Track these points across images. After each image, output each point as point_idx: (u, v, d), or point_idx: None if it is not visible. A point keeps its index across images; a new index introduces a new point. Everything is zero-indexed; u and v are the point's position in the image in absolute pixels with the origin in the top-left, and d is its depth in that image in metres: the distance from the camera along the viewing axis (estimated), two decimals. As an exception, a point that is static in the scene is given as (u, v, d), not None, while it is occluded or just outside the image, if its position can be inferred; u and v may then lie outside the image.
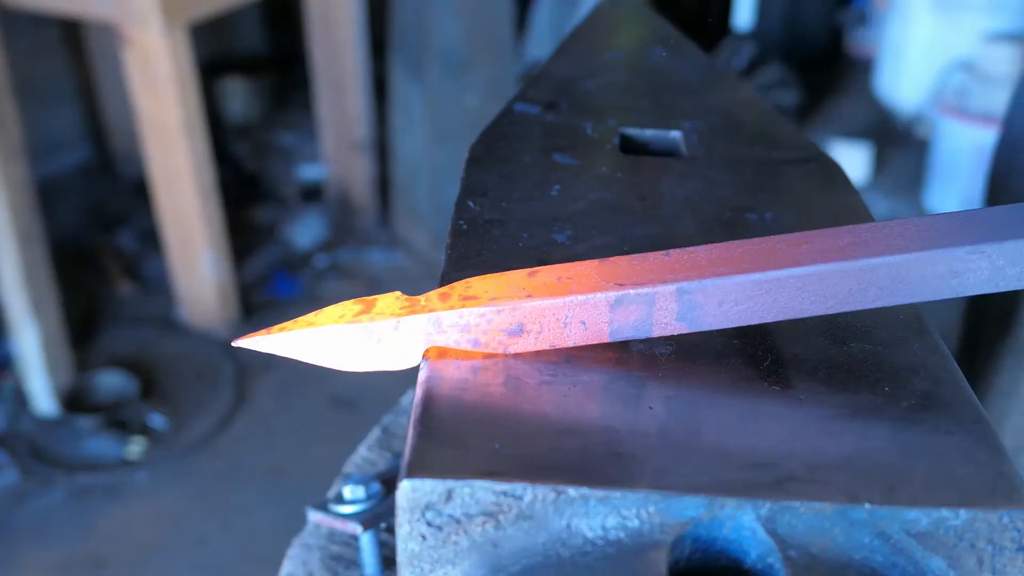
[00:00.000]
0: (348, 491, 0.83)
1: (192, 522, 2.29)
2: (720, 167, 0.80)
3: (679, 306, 0.55)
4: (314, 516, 0.84)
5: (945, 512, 0.47)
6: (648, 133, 0.86)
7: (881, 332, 0.60)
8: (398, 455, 0.99)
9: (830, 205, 0.76)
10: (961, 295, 0.54)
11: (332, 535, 0.88)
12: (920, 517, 0.47)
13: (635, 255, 0.58)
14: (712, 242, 0.58)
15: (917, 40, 3.50)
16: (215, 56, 3.67)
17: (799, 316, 0.55)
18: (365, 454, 1.00)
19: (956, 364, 0.58)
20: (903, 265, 0.53)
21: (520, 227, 0.69)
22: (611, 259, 0.58)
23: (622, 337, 0.56)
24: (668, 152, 0.85)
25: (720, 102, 0.94)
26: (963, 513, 0.47)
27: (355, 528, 0.81)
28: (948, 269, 0.53)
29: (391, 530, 0.88)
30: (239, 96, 3.63)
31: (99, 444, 2.45)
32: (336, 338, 0.57)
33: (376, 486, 0.84)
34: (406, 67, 3.09)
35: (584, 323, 0.56)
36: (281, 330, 0.57)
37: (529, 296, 0.56)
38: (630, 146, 0.85)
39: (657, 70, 1.03)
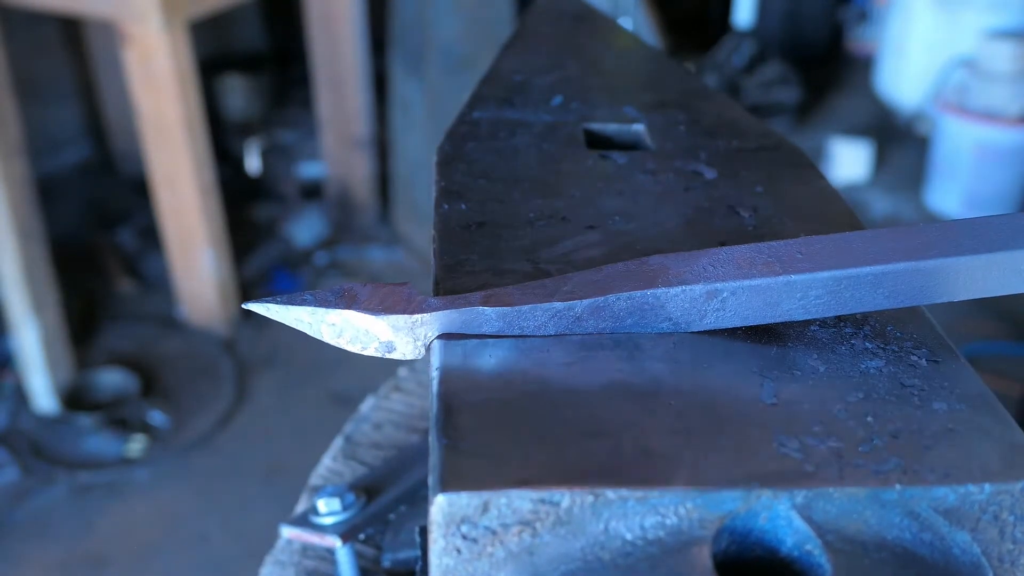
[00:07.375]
0: (323, 504, 0.82)
1: (192, 519, 2.29)
2: (687, 158, 0.80)
3: (763, 298, 0.57)
4: (288, 532, 0.82)
5: (971, 487, 0.48)
6: (611, 127, 0.86)
7: (874, 317, 0.61)
8: (364, 464, 0.97)
9: (805, 192, 0.76)
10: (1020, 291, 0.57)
11: (305, 550, 0.86)
12: (947, 494, 0.48)
13: (727, 248, 0.59)
14: (698, 232, 0.58)
15: (918, 37, 3.50)
16: (215, 54, 3.67)
17: (869, 310, 0.58)
18: (330, 464, 0.97)
19: (950, 342, 0.59)
20: (970, 265, 0.56)
21: (502, 227, 0.69)
22: (707, 250, 0.59)
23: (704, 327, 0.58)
24: (632, 145, 0.85)
25: (675, 95, 0.93)
26: (988, 487, 0.48)
27: (334, 541, 0.80)
28: (1014, 268, 0.56)
29: (368, 541, 0.86)
30: (239, 94, 3.63)
31: (99, 442, 2.45)
32: (350, 321, 0.58)
33: (351, 497, 0.83)
34: (406, 64, 3.09)
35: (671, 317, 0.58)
36: (289, 301, 0.58)
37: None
38: (595, 141, 0.84)
39: (608, 64, 1.02)
